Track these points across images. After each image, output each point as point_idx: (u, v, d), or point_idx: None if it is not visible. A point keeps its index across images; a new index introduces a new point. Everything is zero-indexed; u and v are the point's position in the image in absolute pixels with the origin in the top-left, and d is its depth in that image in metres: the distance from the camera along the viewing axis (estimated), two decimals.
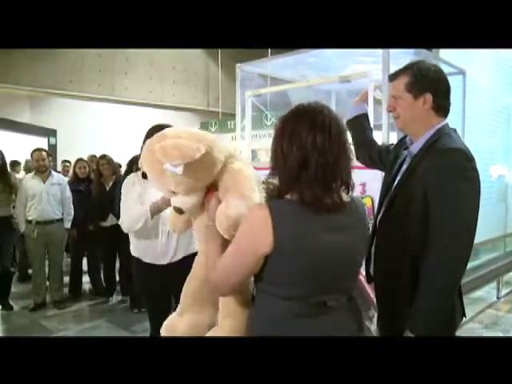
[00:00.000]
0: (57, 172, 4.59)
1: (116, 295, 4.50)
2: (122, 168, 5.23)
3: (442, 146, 1.36)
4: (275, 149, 1.11)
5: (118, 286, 4.55)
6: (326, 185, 1.07)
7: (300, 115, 1.10)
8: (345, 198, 1.13)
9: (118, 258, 4.48)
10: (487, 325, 3.69)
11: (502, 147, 4.01)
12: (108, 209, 4.19)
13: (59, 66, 7.29)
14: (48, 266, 4.28)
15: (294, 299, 1.10)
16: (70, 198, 4.24)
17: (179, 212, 1.36)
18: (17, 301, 4.33)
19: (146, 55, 8.35)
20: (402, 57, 2.06)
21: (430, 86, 1.41)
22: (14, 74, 6.81)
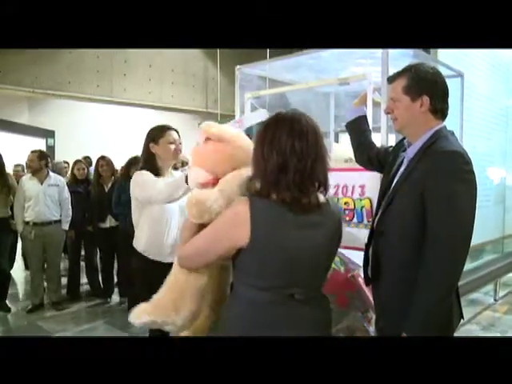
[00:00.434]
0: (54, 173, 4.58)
1: (114, 296, 4.49)
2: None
3: (440, 149, 1.36)
4: (256, 153, 1.18)
5: (116, 288, 4.54)
6: (304, 187, 1.15)
7: (279, 122, 1.17)
8: (321, 199, 1.21)
9: (116, 260, 4.48)
10: (485, 326, 3.70)
11: (499, 149, 4.02)
12: (107, 210, 4.20)
13: (58, 67, 7.28)
14: (46, 267, 4.26)
15: (267, 290, 1.18)
16: (69, 199, 4.21)
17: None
18: (14, 302, 4.31)
19: (145, 56, 8.34)
20: (400, 59, 2.07)
21: (427, 88, 1.41)
22: (13, 75, 6.81)
